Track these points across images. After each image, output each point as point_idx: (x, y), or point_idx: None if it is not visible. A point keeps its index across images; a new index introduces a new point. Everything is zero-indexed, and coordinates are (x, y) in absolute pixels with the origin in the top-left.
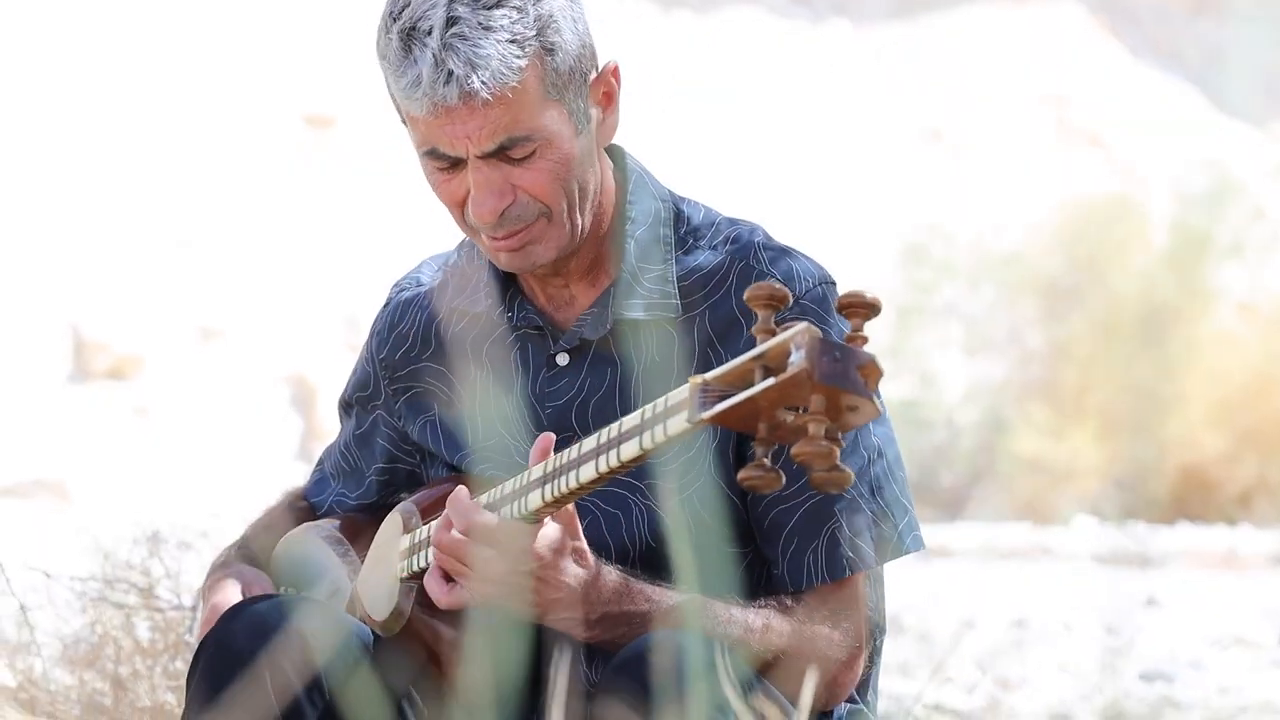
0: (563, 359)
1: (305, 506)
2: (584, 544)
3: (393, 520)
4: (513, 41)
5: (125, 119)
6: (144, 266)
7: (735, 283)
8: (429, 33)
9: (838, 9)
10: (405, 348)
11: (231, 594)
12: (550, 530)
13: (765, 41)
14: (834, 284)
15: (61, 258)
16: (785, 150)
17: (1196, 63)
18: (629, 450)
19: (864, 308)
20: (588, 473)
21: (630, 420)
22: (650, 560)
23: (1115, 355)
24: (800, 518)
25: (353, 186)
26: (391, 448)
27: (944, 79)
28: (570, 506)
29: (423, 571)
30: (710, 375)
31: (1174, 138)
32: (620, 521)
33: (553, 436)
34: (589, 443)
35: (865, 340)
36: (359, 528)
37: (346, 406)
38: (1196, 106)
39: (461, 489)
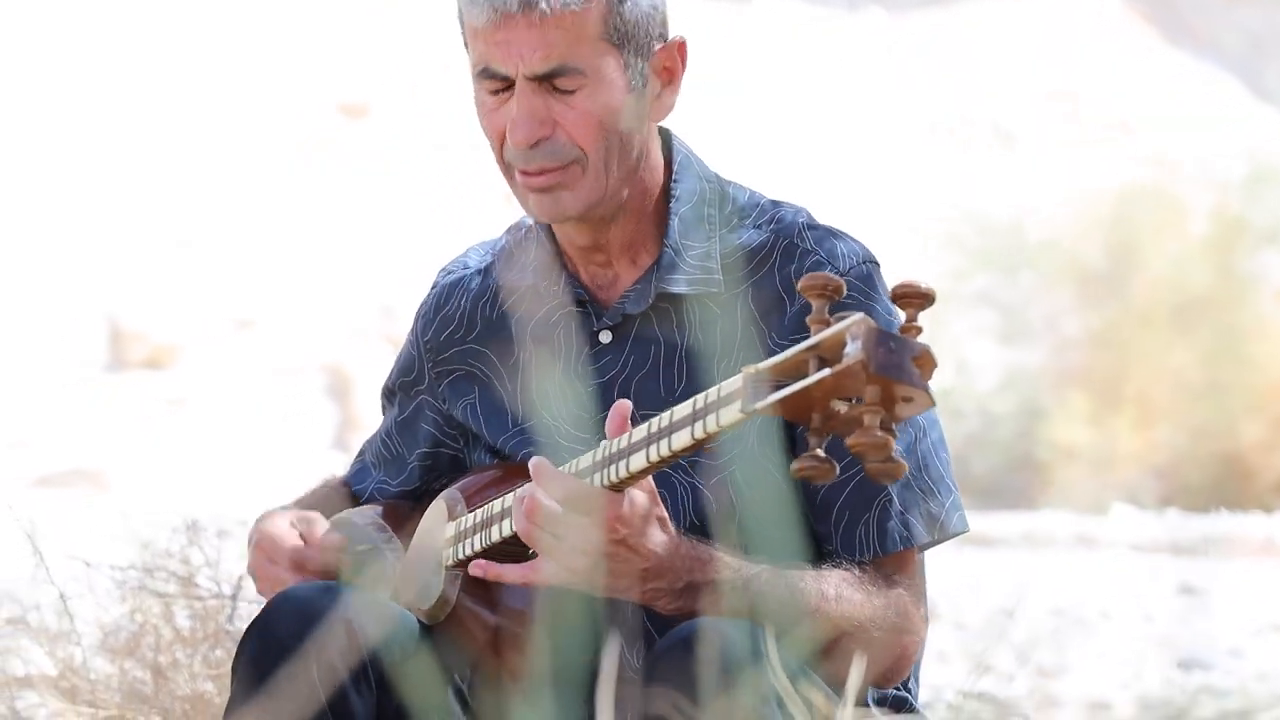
0: (605, 336)
1: (346, 493)
2: (665, 512)
3: (437, 507)
4: None
5: (160, 108)
6: (180, 256)
7: (779, 261)
8: None
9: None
10: (450, 329)
11: (281, 523)
12: (638, 497)
13: (800, 29)
14: (878, 264)
15: (97, 248)
16: (820, 137)
17: (1234, 50)
18: (680, 440)
19: (918, 298)
20: (638, 462)
21: (682, 409)
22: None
23: (1152, 343)
24: (850, 492)
25: (387, 176)
26: (435, 431)
27: (980, 66)
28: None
29: (469, 559)
30: (763, 365)
31: (1212, 125)
32: (665, 500)
33: (628, 404)
34: (639, 433)
35: (919, 330)
36: (401, 515)
37: (390, 394)
38: (1234, 94)
39: (543, 459)
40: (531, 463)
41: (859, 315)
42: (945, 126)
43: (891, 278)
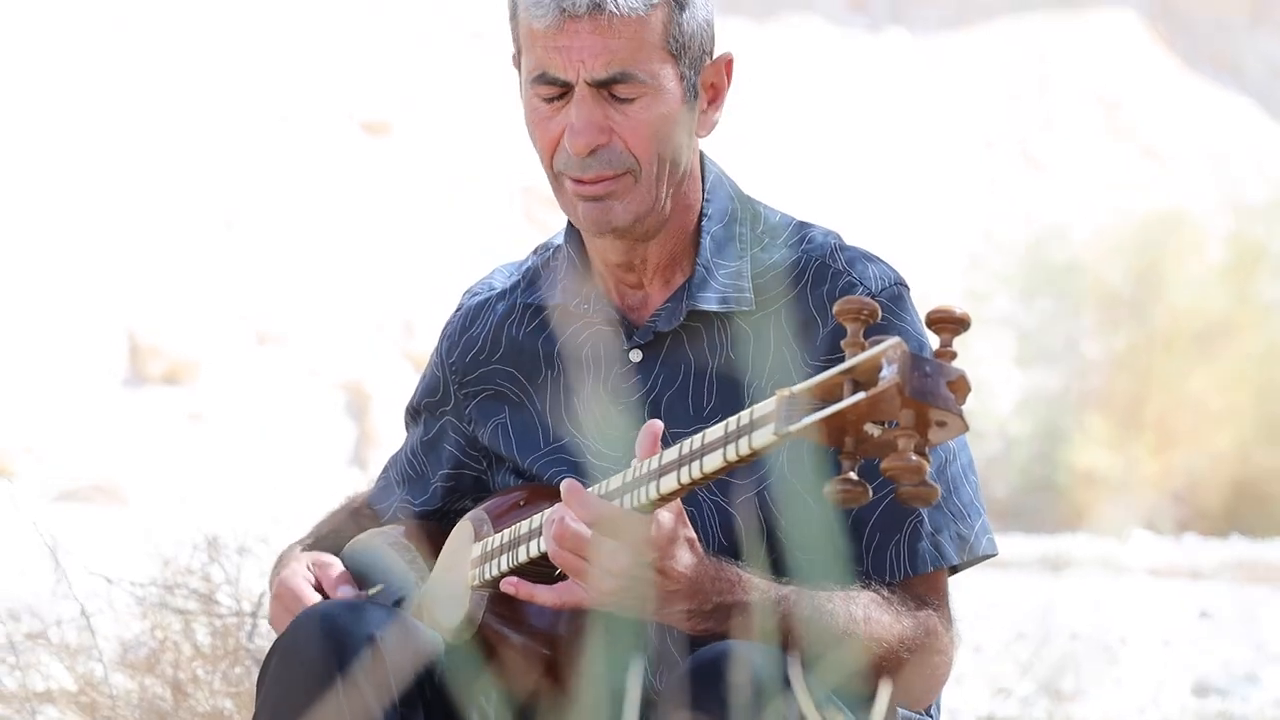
0: (636, 355)
1: (369, 513)
2: (693, 533)
3: (463, 528)
4: None
5: (182, 125)
6: (200, 271)
7: (811, 282)
8: None
9: (895, 18)
10: (475, 350)
11: (297, 566)
12: (665, 519)
13: (822, 50)
14: (908, 287)
15: (117, 263)
16: (841, 158)
17: (1255, 75)
18: (712, 463)
19: (953, 323)
20: (669, 484)
21: (714, 432)
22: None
23: (1171, 368)
24: (881, 513)
25: (409, 193)
26: (459, 453)
27: (1000, 89)
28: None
29: (496, 579)
30: (798, 388)
31: (1231, 150)
32: (694, 520)
33: (660, 424)
34: (670, 454)
35: (954, 355)
36: (425, 535)
37: (414, 413)
38: (1254, 119)
39: (574, 482)
40: (563, 485)
41: (895, 339)
42: (965, 148)
43: (913, 299)
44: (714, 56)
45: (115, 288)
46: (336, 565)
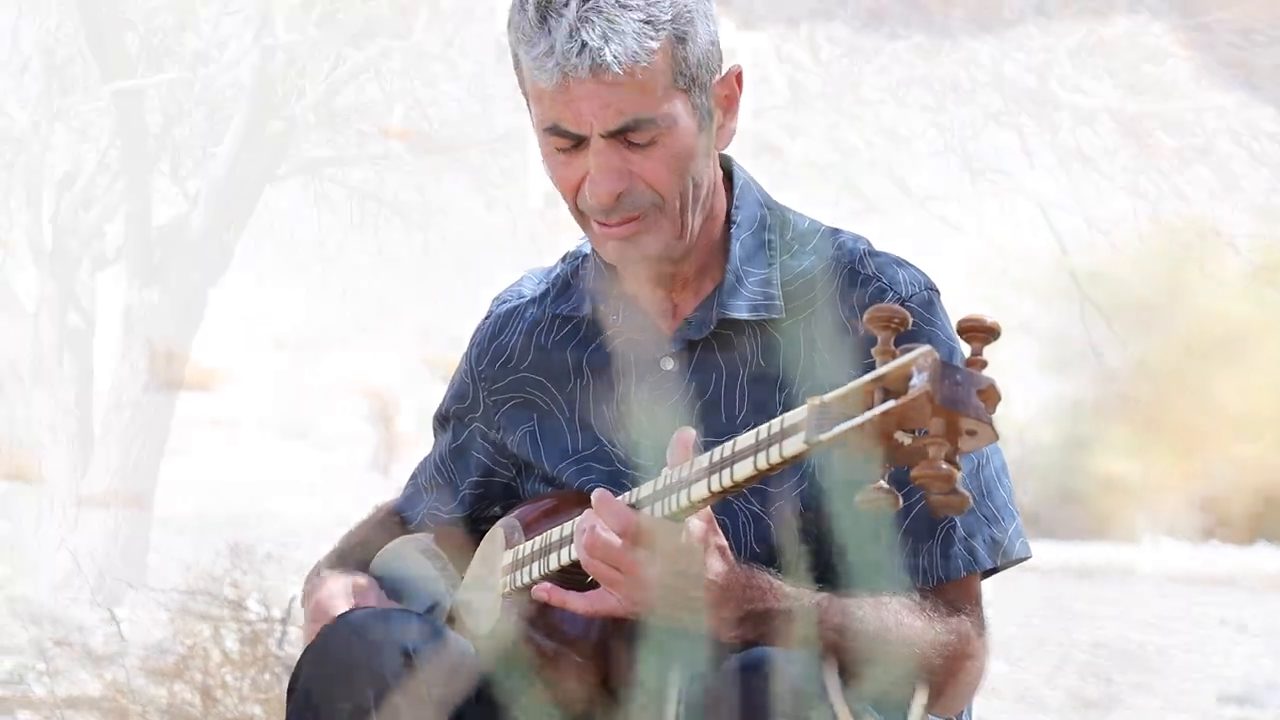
0: (667, 364)
1: (397, 521)
2: (724, 541)
3: (495, 535)
4: (648, 23)
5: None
6: (221, 276)
7: (841, 287)
8: (565, 4)
9: (915, 26)
10: (504, 358)
11: (335, 588)
12: (696, 527)
13: (844, 57)
14: (939, 291)
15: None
16: (860, 164)
17: (1274, 79)
18: (743, 470)
19: (984, 332)
20: (699, 492)
21: (745, 439)
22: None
23: (1195, 373)
24: (913, 518)
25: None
26: (488, 461)
27: (1020, 95)
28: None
29: (528, 586)
30: (828, 396)
31: (1256, 156)
32: (726, 528)
33: (692, 431)
34: (701, 462)
35: (985, 364)
36: (455, 542)
37: (443, 420)
38: (1273, 124)
39: (604, 491)
40: (594, 495)
41: (925, 348)
42: (983, 154)
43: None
44: (722, 72)
45: (139, 291)
46: (374, 590)
